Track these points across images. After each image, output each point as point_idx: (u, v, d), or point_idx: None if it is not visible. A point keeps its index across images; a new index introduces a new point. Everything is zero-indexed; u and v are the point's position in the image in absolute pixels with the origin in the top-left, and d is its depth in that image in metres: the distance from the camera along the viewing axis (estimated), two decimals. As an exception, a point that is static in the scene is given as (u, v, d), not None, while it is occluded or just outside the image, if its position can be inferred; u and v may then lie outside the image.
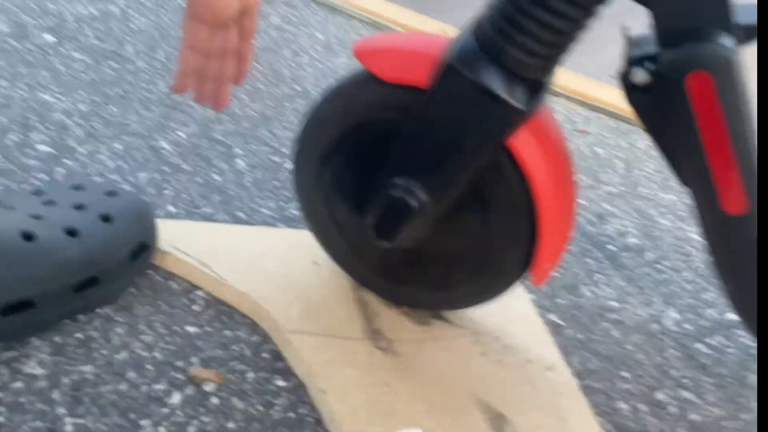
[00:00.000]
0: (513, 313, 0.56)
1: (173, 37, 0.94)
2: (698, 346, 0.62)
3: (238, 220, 0.61)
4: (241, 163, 0.69)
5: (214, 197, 0.63)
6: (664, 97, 0.35)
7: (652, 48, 0.36)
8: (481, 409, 0.46)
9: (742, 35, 0.34)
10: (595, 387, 0.54)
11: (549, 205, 0.42)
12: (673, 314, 0.65)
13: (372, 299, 0.52)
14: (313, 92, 0.89)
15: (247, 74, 0.47)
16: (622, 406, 0.53)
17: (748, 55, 0.36)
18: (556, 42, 0.38)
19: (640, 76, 0.36)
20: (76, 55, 0.82)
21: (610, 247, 0.73)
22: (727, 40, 0.33)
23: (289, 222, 0.62)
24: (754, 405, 0.57)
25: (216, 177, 0.66)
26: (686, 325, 0.64)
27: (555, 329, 0.59)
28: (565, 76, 1.05)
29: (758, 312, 0.30)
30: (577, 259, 0.70)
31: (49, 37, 0.84)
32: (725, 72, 0.33)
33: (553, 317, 0.60)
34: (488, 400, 0.47)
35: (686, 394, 0.56)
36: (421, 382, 0.46)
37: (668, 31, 0.34)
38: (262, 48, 0.98)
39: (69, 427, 0.39)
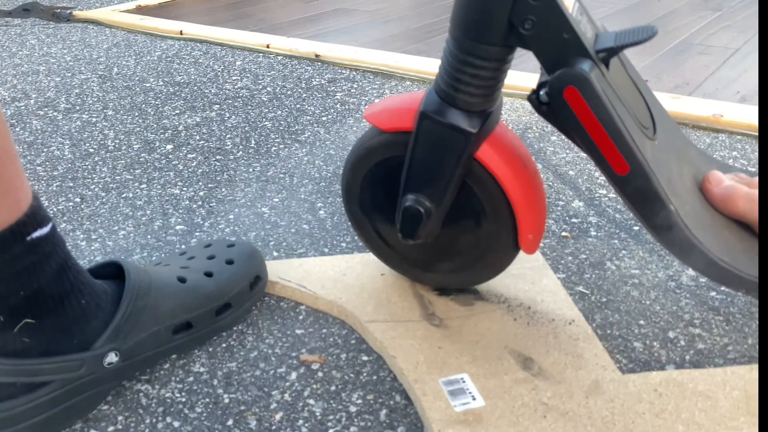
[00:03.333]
0: (541, 288, 0.71)
1: (261, 127, 1.17)
2: (712, 293, 0.74)
3: (324, 255, 0.80)
4: (322, 213, 0.89)
5: (305, 241, 0.82)
6: (556, 108, 0.50)
7: (546, 77, 0.52)
8: (514, 356, 0.61)
9: (602, 56, 0.50)
10: (614, 334, 0.67)
11: (515, 190, 0.58)
12: (690, 272, 0.77)
13: (426, 293, 0.69)
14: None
15: None
16: (637, 344, 0.66)
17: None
18: (487, 84, 0.54)
19: (542, 96, 0.51)
20: (191, 155, 1.06)
21: (635, 228, 0.86)
22: (584, 64, 0.49)
23: (362, 250, 0.81)
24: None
25: (305, 226, 0.86)
26: (702, 280, 0.76)
27: (581, 297, 0.72)
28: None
29: (759, 311, 0.41)
30: (604, 241, 0.83)
31: (169, 146, 1.10)
32: (585, 84, 0.48)
33: (580, 288, 0.74)
34: (519, 350, 0.62)
35: (696, 330, 0.68)
36: (466, 344, 0.62)
37: (548, 65, 0.50)
38: (331, 121, 1.20)
39: (227, 400, 0.58)
